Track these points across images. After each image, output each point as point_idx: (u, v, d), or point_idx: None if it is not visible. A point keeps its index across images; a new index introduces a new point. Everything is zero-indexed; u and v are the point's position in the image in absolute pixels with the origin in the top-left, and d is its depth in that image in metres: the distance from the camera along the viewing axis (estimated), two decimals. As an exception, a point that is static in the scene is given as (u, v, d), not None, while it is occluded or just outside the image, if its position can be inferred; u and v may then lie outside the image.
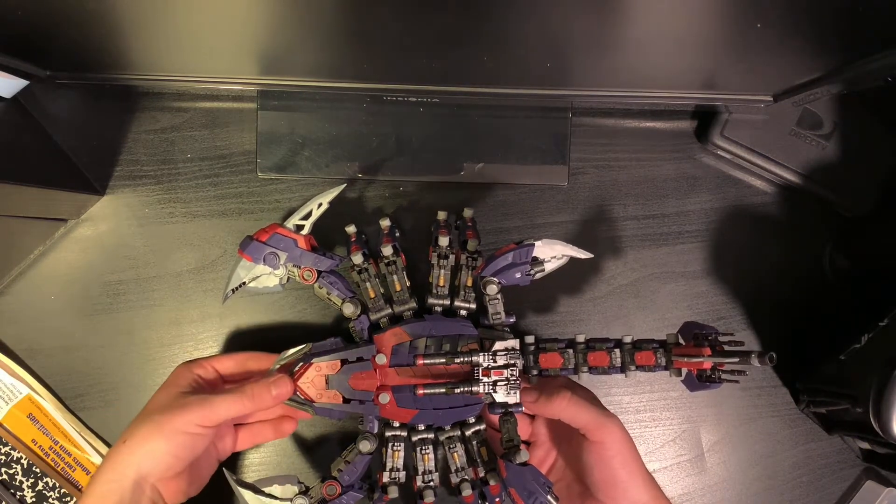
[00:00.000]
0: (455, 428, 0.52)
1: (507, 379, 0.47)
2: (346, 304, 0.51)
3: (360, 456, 0.49)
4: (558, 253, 0.49)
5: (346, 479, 0.49)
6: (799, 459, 0.62)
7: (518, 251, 0.49)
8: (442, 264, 0.52)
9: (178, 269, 0.58)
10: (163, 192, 0.58)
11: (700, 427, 0.61)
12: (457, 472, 0.52)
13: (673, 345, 0.48)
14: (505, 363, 0.47)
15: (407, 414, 0.50)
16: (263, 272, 0.50)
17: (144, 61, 0.51)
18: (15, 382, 0.56)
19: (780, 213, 0.62)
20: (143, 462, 0.42)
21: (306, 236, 0.50)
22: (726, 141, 0.59)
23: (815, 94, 0.53)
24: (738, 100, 0.55)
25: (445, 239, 0.52)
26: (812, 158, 0.59)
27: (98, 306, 0.58)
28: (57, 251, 0.58)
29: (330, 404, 0.49)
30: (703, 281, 0.62)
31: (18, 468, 0.57)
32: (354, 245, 0.52)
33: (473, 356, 0.47)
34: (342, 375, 0.49)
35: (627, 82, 0.54)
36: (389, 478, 0.51)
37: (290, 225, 0.50)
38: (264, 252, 0.49)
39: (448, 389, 0.47)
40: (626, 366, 0.48)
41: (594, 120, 0.61)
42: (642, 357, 0.48)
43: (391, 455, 0.51)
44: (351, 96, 0.56)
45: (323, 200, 0.51)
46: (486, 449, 0.52)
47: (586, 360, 0.48)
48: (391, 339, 0.50)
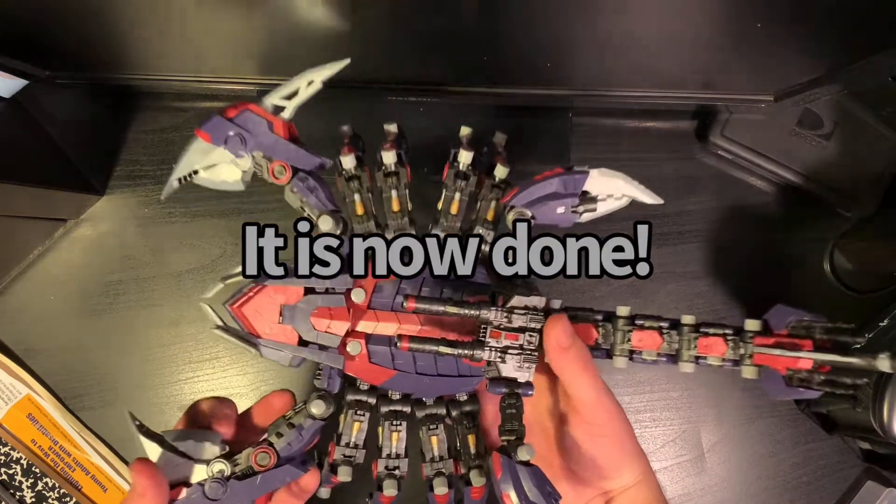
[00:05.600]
0: (439, 404, 0.41)
1: (520, 347, 0.36)
2: (323, 217, 0.38)
3: (310, 420, 0.37)
4: (617, 190, 0.38)
5: (286, 447, 0.37)
6: (799, 460, 0.62)
7: (565, 178, 0.37)
8: (459, 186, 0.39)
9: (177, 269, 0.58)
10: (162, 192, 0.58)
11: (700, 427, 0.61)
12: (431, 463, 0.40)
13: (755, 333, 0.37)
14: (522, 325, 0.36)
15: (380, 374, 0.38)
16: (222, 160, 0.38)
17: (144, 61, 0.51)
18: (14, 382, 0.56)
19: (781, 212, 0.62)
20: None
21: (286, 121, 0.38)
22: (727, 141, 0.59)
23: (816, 94, 0.53)
24: (738, 100, 0.55)
25: (469, 154, 0.39)
26: (812, 158, 0.59)
27: (98, 306, 0.58)
28: (56, 251, 0.58)
29: (280, 343, 0.37)
30: (704, 281, 0.62)
31: (18, 468, 0.56)
32: (348, 146, 0.40)
33: (483, 310, 0.35)
34: (303, 307, 0.37)
35: (628, 82, 0.54)
36: (343, 455, 0.39)
37: (268, 104, 0.38)
38: (228, 131, 0.37)
39: (443, 348, 0.35)
40: (682, 353, 0.37)
41: (594, 120, 0.61)
42: (708, 344, 0.37)
43: (350, 425, 0.39)
44: (351, 95, 0.56)
45: (315, 78, 0.38)
46: (475, 438, 0.41)
47: (628, 339, 0.37)
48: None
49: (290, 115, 0.38)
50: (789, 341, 0.36)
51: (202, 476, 0.36)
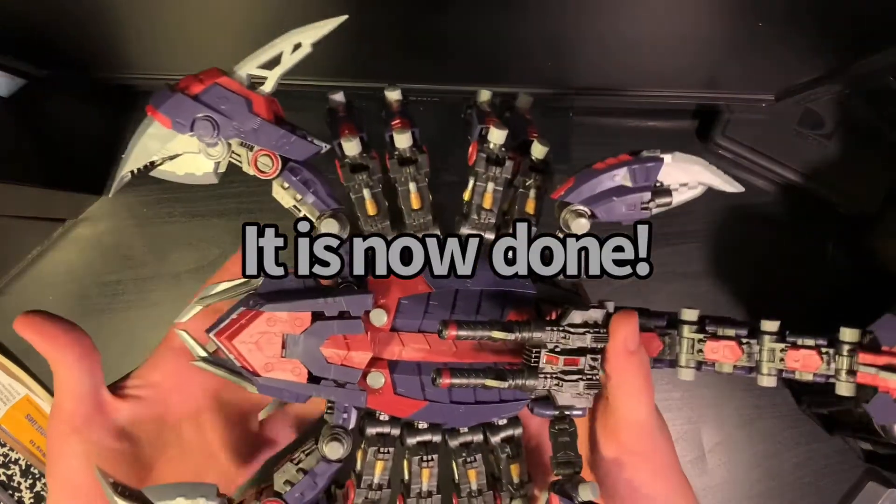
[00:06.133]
0: (475, 430, 0.34)
1: (581, 372, 0.30)
2: (325, 220, 0.31)
3: (324, 465, 0.31)
4: (693, 178, 0.33)
5: (297, 497, 0.31)
6: (800, 460, 0.61)
7: (635, 167, 0.32)
8: (493, 174, 0.32)
9: (176, 269, 0.58)
10: (161, 191, 0.58)
11: (701, 428, 0.61)
12: (469, 499, 0.33)
13: (856, 346, 0.32)
14: (581, 346, 0.30)
15: (407, 406, 0.32)
16: (188, 149, 0.30)
17: (144, 61, 0.51)
18: (13, 383, 0.56)
19: (782, 212, 0.62)
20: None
21: (268, 97, 0.30)
22: (728, 140, 0.59)
23: (817, 94, 0.53)
24: (739, 99, 0.55)
25: (502, 133, 0.32)
26: (814, 158, 0.59)
27: (96, 306, 0.57)
28: (55, 251, 0.57)
29: (283, 381, 0.30)
30: (705, 281, 0.61)
31: (16, 469, 0.56)
32: (346, 124, 0.33)
33: (535, 331, 0.30)
34: (311, 338, 0.30)
35: (628, 81, 0.54)
36: (365, 498, 0.33)
37: (241, 74, 0.30)
38: (195, 114, 0.29)
39: (489, 381, 0.29)
40: (762, 365, 0.32)
41: (594, 120, 0.61)
42: (798, 358, 0.32)
43: (372, 465, 0.33)
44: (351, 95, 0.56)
45: (303, 40, 0.30)
46: (519, 467, 0.34)
47: (700, 350, 0.32)
48: (397, 288, 0.32)
49: (272, 88, 0.30)
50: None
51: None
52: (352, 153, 0.32)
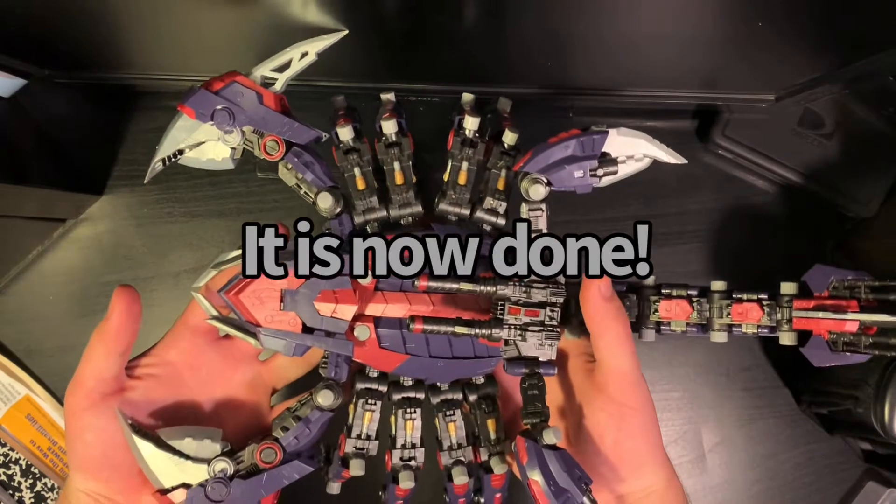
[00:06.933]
0: (455, 389, 0.39)
1: (541, 323, 0.34)
2: (322, 194, 0.36)
3: (317, 412, 0.36)
4: (638, 151, 0.36)
5: (292, 442, 0.35)
6: (800, 460, 0.61)
7: (583, 139, 0.35)
8: (466, 155, 0.37)
9: (176, 269, 0.58)
10: (161, 191, 0.58)
11: (701, 428, 0.61)
12: (450, 451, 0.38)
13: (792, 296, 0.35)
14: (542, 300, 0.34)
15: (391, 360, 0.36)
16: (209, 137, 0.36)
17: (143, 60, 0.51)
18: (13, 383, 0.56)
19: (782, 212, 0.62)
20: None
21: (277, 94, 0.36)
22: (728, 140, 0.59)
23: (817, 94, 0.53)
24: (739, 99, 0.55)
25: (475, 120, 0.37)
26: (814, 158, 0.59)
27: (96, 306, 0.57)
28: (55, 251, 0.57)
29: (282, 331, 0.35)
30: (705, 281, 0.61)
31: (17, 469, 0.56)
32: (343, 117, 0.38)
33: (499, 285, 0.34)
34: (305, 291, 0.35)
35: (628, 82, 0.54)
36: (355, 447, 0.37)
37: (257, 75, 0.36)
38: (215, 105, 0.35)
39: (458, 328, 0.34)
40: (714, 322, 0.35)
41: (594, 120, 0.60)
42: (742, 311, 0.35)
43: (361, 416, 0.37)
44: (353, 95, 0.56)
45: (309, 49, 0.36)
46: (495, 423, 0.39)
47: (655, 309, 0.36)
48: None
49: (281, 87, 0.37)
50: (832, 303, 0.33)
51: (203, 476, 0.34)
52: (345, 138, 0.37)
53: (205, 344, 0.38)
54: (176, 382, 0.37)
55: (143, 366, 0.37)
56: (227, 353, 0.39)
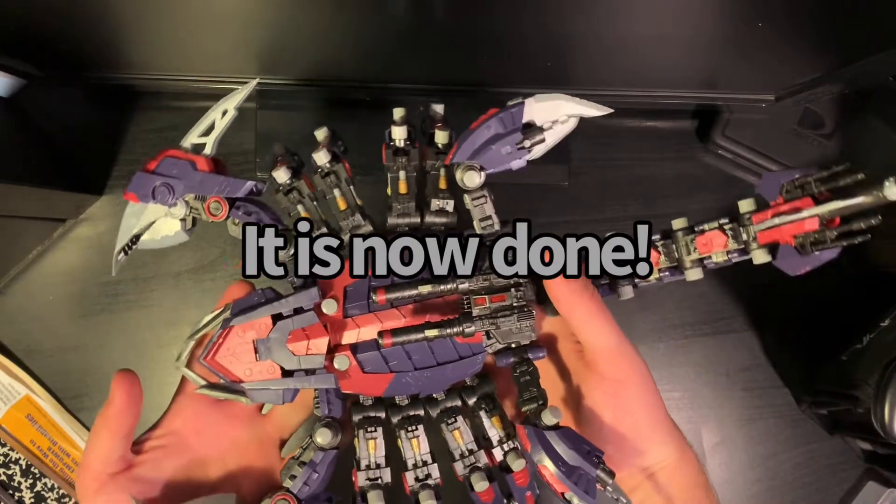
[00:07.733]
0: (452, 396, 0.37)
1: (510, 307, 0.34)
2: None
3: (321, 453, 0.35)
4: (560, 113, 0.35)
5: (303, 488, 0.35)
6: (800, 460, 0.61)
7: (501, 115, 0.35)
8: (401, 164, 0.37)
9: (176, 269, 0.58)
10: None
11: (701, 428, 0.61)
12: (463, 459, 0.36)
13: (752, 212, 0.33)
14: (506, 284, 0.34)
15: (379, 383, 0.36)
16: (157, 215, 0.36)
17: (143, 60, 0.51)
18: (13, 383, 0.56)
19: (782, 212, 0.62)
20: None
21: (208, 157, 0.36)
22: (728, 140, 0.59)
23: (817, 94, 0.53)
24: (739, 99, 0.55)
25: (401, 129, 0.37)
26: (814, 158, 0.59)
27: (96, 306, 0.57)
28: (55, 251, 0.57)
29: (264, 382, 0.34)
30: (705, 282, 0.61)
31: (17, 469, 0.56)
32: (279, 161, 0.39)
33: (457, 280, 0.34)
34: (276, 336, 0.34)
35: (628, 81, 0.53)
36: (367, 479, 0.36)
37: (186, 145, 0.37)
38: (153, 184, 0.35)
39: (428, 332, 0.33)
40: (684, 260, 0.34)
41: (594, 119, 0.61)
42: (707, 241, 0.34)
43: (365, 446, 0.36)
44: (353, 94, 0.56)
45: (228, 106, 0.37)
46: (500, 420, 0.37)
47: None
48: (342, 279, 0.36)
49: (212, 150, 0.37)
50: (787, 206, 0.31)
51: None
52: (282, 180, 0.38)
53: (206, 408, 0.38)
54: (184, 449, 0.37)
55: (153, 438, 0.37)
56: (229, 412, 0.39)
